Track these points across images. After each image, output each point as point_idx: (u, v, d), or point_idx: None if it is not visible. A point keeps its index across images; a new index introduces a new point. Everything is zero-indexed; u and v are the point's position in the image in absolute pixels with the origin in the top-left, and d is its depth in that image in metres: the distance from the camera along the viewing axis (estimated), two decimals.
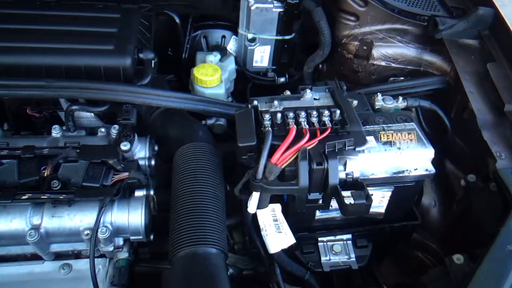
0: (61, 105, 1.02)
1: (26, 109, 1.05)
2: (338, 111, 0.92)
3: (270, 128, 0.89)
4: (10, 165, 0.88)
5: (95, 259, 0.91)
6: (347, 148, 0.88)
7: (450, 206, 1.13)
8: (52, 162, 0.90)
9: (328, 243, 1.07)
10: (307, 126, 0.89)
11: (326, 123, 0.90)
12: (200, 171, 0.94)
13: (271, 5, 1.27)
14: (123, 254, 0.93)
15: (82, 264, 0.94)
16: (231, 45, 1.42)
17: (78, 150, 0.92)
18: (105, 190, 0.89)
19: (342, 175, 0.89)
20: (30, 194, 0.86)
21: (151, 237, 0.95)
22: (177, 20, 1.32)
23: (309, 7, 1.25)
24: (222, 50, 1.35)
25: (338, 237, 1.07)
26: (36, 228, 0.86)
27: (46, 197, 0.86)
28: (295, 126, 0.88)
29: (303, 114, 0.91)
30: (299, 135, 0.87)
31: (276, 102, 0.94)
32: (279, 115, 0.91)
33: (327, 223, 1.04)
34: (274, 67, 1.44)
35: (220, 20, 1.42)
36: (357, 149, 0.89)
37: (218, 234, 0.86)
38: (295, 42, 1.38)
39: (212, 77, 1.20)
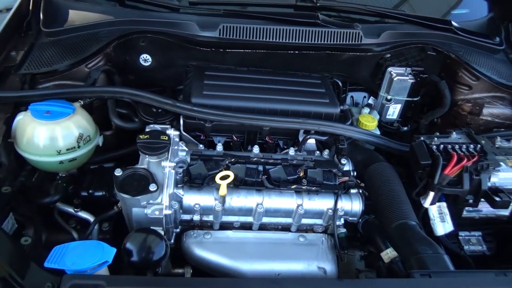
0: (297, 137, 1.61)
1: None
2: (478, 146, 1.46)
3: (439, 154, 1.43)
4: (279, 168, 1.44)
5: (321, 234, 1.44)
6: (489, 168, 1.41)
7: None
8: (302, 168, 1.46)
9: (465, 237, 1.56)
10: (461, 153, 1.43)
11: (473, 152, 1.44)
12: (393, 179, 1.47)
13: (407, 77, 1.88)
14: (342, 229, 1.45)
15: (312, 236, 1.46)
16: (370, 102, 2.02)
17: (313, 163, 1.49)
18: (337, 186, 1.44)
19: (488, 184, 1.41)
20: (295, 186, 1.41)
21: (360, 219, 1.47)
22: (340, 84, 1.93)
23: (435, 80, 1.84)
24: (369, 106, 1.95)
25: (472, 233, 1.56)
26: (300, 205, 1.40)
27: (304, 187, 1.41)
28: (455, 153, 1.43)
29: (456, 146, 1.46)
30: (458, 158, 1.41)
31: (436, 139, 1.50)
32: (441, 146, 1.46)
33: (465, 222, 1.54)
34: (399, 119, 2.02)
35: (362, 85, 2.03)
36: (495, 169, 1.42)
37: (413, 214, 1.36)
38: (419, 102, 1.96)
39: (372, 123, 1.78)
